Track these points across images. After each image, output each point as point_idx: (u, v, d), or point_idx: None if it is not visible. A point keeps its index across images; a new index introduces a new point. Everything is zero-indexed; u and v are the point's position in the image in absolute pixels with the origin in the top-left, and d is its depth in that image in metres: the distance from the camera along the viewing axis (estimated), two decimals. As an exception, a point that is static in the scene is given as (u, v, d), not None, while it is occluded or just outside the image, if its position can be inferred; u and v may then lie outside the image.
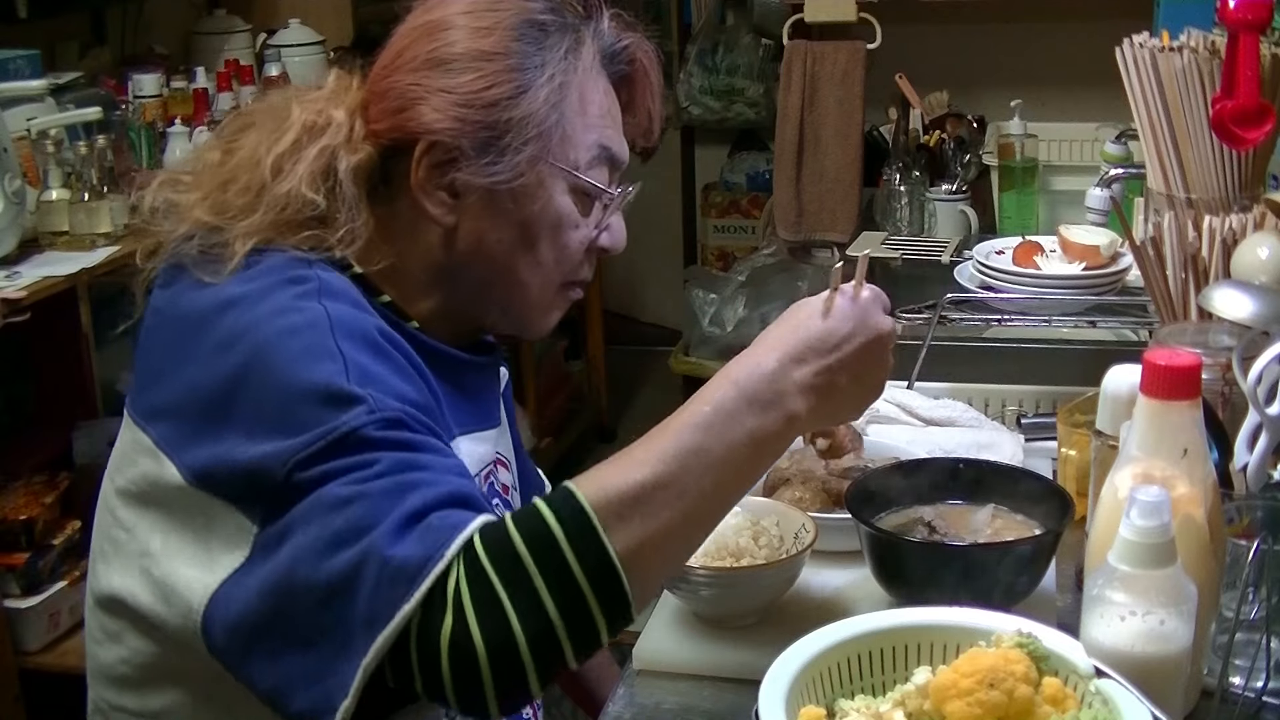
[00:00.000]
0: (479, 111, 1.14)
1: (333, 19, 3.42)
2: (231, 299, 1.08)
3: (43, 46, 2.59)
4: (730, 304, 3.74)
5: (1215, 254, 1.50)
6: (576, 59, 1.18)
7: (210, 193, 1.17)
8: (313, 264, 1.12)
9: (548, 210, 1.18)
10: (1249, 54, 1.53)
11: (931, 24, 3.26)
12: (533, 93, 1.15)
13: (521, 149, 1.14)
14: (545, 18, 1.18)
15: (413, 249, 1.19)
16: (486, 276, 1.20)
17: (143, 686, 1.14)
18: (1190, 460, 1.03)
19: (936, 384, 1.76)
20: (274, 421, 1.00)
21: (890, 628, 1.02)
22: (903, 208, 2.81)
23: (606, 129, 1.21)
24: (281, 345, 1.03)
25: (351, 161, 1.15)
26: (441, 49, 1.16)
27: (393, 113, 1.16)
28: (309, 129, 1.17)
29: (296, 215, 1.14)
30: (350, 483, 0.96)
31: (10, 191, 2.19)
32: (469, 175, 1.14)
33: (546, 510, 0.96)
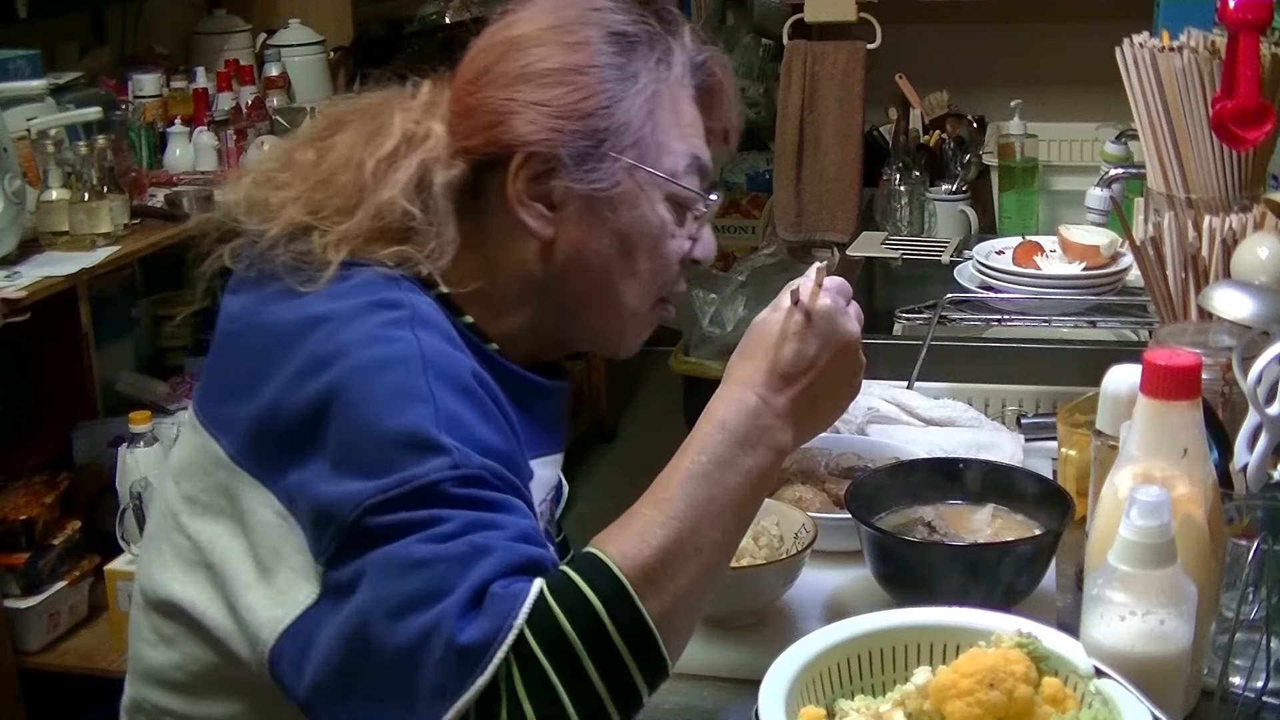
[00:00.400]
0: (575, 122, 1.13)
1: (333, 19, 3.42)
2: (319, 317, 1.06)
3: (43, 46, 2.59)
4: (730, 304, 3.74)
5: (1215, 254, 1.50)
6: (668, 69, 1.18)
7: (304, 192, 1.15)
8: (401, 283, 1.11)
9: (646, 218, 1.17)
10: (1249, 54, 1.53)
11: (931, 24, 3.26)
12: (628, 101, 1.15)
13: (619, 157, 1.14)
14: (632, 29, 1.18)
15: (504, 265, 1.17)
16: (583, 289, 1.18)
17: (196, 693, 1.14)
18: (1190, 460, 1.03)
19: (936, 384, 1.76)
20: (357, 459, 0.99)
21: (890, 628, 1.02)
22: (903, 208, 2.81)
23: (696, 138, 1.21)
24: (371, 380, 1.01)
25: (446, 176, 1.14)
26: (532, 64, 1.15)
27: (484, 128, 1.15)
28: (409, 138, 1.16)
29: (390, 225, 1.13)
30: (425, 540, 0.95)
31: (10, 191, 2.19)
32: (568, 183, 1.14)
33: (584, 585, 0.95)
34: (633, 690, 0.94)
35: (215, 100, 2.95)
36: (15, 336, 2.23)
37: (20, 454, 2.42)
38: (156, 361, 2.85)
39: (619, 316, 1.21)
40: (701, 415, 1.07)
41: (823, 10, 3.11)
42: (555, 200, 1.15)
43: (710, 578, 1.02)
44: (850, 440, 1.56)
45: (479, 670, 0.90)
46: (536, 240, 1.16)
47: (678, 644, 0.99)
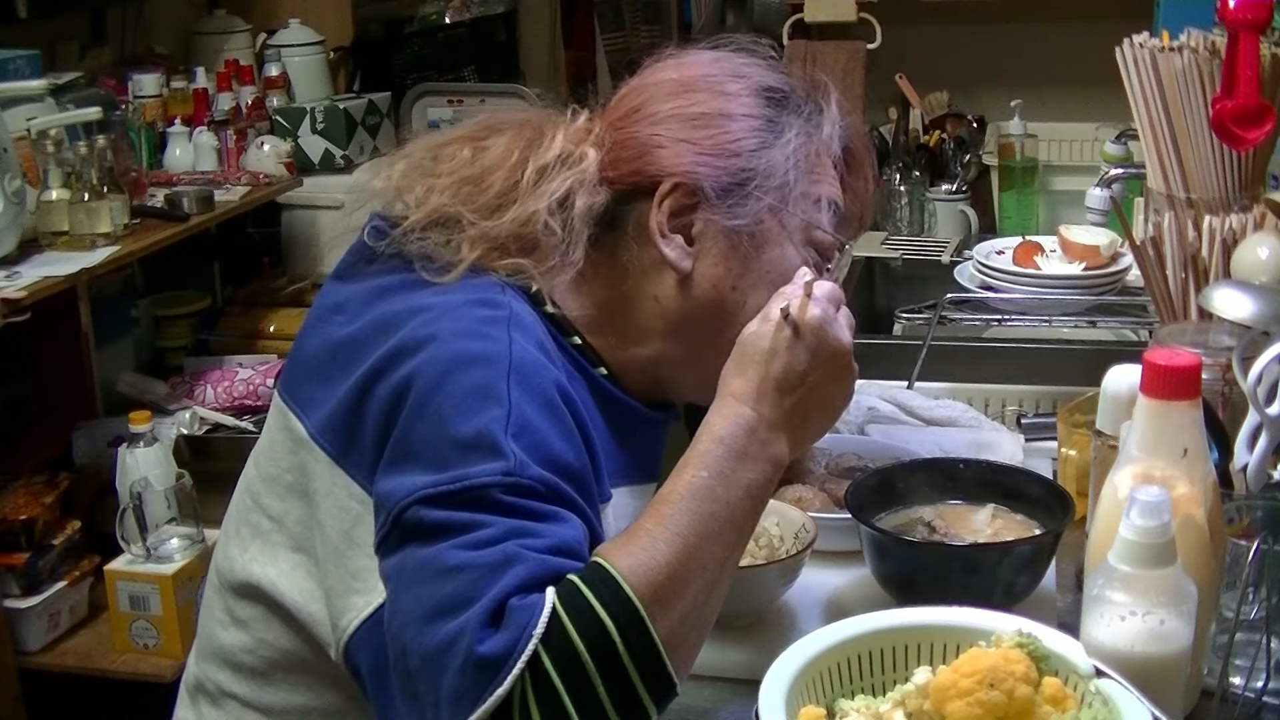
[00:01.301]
0: (723, 160, 1.15)
1: (333, 19, 3.42)
2: (420, 307, 1.08)
3: (43, 46, 2.59)
4: (730, 304, 3.74)
5: (1215, 254, 1.50)
6: (818, 128, 1.20)
7: (455, 184, 1.17)
8: (507, 290, 1.12)
9: (784, 258, 1.18)
10: (1249, 54, 1.53)
11: (931, 24, 3.26)
12: (777, 149, 1.17)
13: (763, 197, 1.16)
14: (784, 88, 1.20)
15: (636, 299, 1.18)
16: (716, 326, 1.17)
17: (264, 678, 1.15)
18: (1190, 460, 1.03)
19: (936, 384, 1.77)
20: (418, 449, 1.00)
21: (890, 628, 1.02)
22: (903, 208, 2.81)
23: (835, 187, 1.23)
24: (454, 371, 1.02)
25: (589, 201, 1.16)
26: (687, 107, 1.17)
27: (631, 159, 1.17)
28: (565, 157, 1.18)
29: (528, 234, 1.14)
30: (461, 546, 0.96)
31: (10, 191, 2.18)
32: (712, 216, 1.15)
33: (597, 603, 0.95)
34: (639, 708, 0.95)
35: (215, 100, 2.95)
36: (15, 336, 2.23)
37: (20, 454, 2.42)
38: (156, 361, 2.85)
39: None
40: (699, 430, 1.08)
41: (823, 10, 3.11)
42: (695, 234, 1.16)
43: (715, 595, 1.03)
44: (850, 440, 1.56)
45: (497, 682, 0.91)
46: (674, 274, 1.16)
47: (684, 663, 0.99)
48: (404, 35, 3.69)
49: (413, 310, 1.08)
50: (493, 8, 4.09)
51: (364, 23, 3.61)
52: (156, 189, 2.66)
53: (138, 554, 2.16)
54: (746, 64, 1.22)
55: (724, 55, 1.23)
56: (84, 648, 2.21)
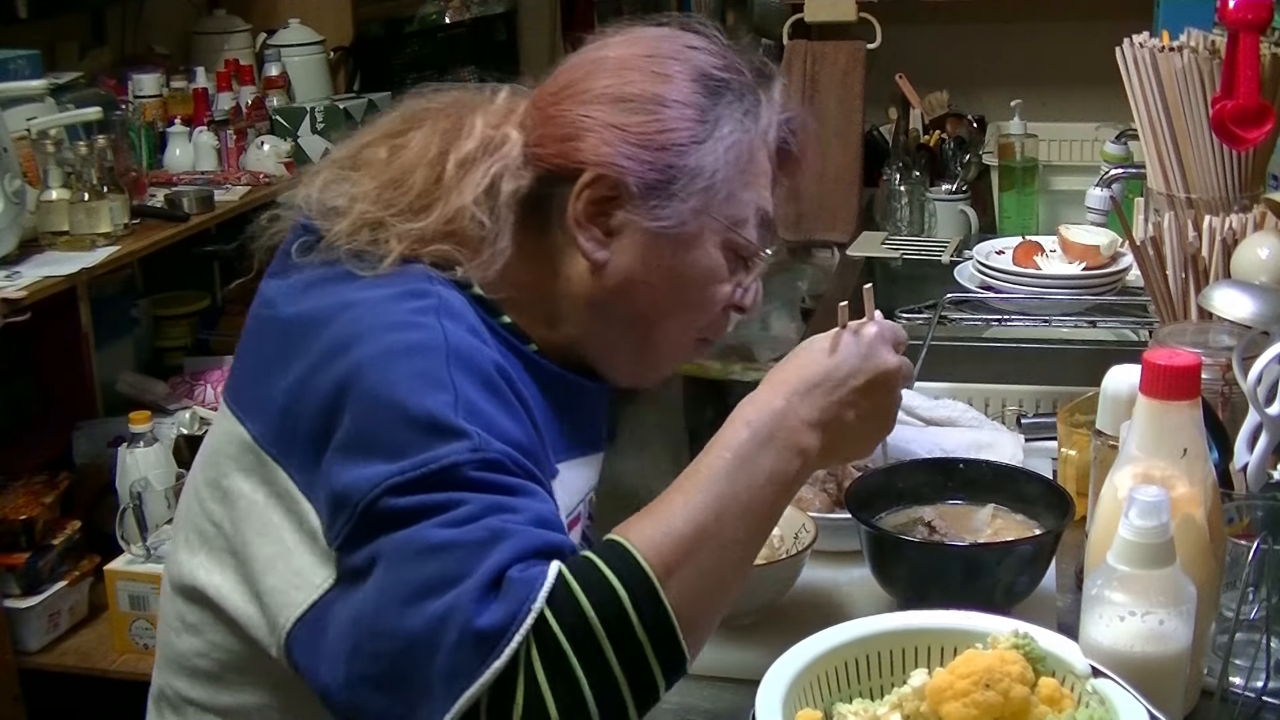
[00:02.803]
0: (651, 153, 1.12)
1: (333, 19, 3.42)
2: (348, 303, 1.07)
3: (43, 46, 2.59)
4: (730, 304, 3.74)
5: (1215, 254, 1.50)
6: (755, 121, 1.17)
7: (375, 190, 1.15)
8: (434, 280, 1.11)
9: (702, 261, 1.17)
10: (1249, 54, 1.53)
11: (931, 24, 3.26)
12: (708, 145, 1.14)
13: (688, 198, 1.13)
14: (724, 75, 1.17)
15: (555, 280, 1.17)
16: (628, 316, 1.18)
17: (219, 682, 1.14)
18: (1190, 460, 1.03)
19: (936, 384, 1.77)
20: (375, 441, 0.99)
21: (887, 631, 1.02)
22: (903, 208, 2.81)
23: (765, 190, 1.20)
24: (393, 363, 1.01)
25: (515, 186, 1.14)
26: (619, 86, 1.14)
27: (559, 140, 1.14)
28: (487, 143, 1.16)
29: (457, 230, 1.13)
30: (442, 525, 0.95)
31: (10, 191, 2.18)
32: (632, 215, 1.13)
33: (608, 570, 0.94)
34: (651, 682, 0.94)
35: (215, 100, 2.95)
36: (15, 336, 2.23)
37: (20, 454, 2.42)
38: (156, 361, 2.85)
39: (658, 350, 1.21)
40: (732, 414, 1.08)
41: (823, 10, 3.11)
42: (613, 226, 1.14)
43: (733, 575, 1.02)
44: (850, 440, 1.56)
45: (495, 654, 0.90)
46: (588, 262, 1.16)
47: (695, 638, 0.98)
48: (404, 35, 3.69)
49: (343, 305, 1.07)
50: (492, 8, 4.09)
51: (364, 23, 3.61)
52: (156, 189, 2.67)
53: (138, 554, 2.16)
54: (692, 45, 1.19)
55: (670, 34, 1.20)
56: (84, 648, 2.21)
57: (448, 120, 1.18)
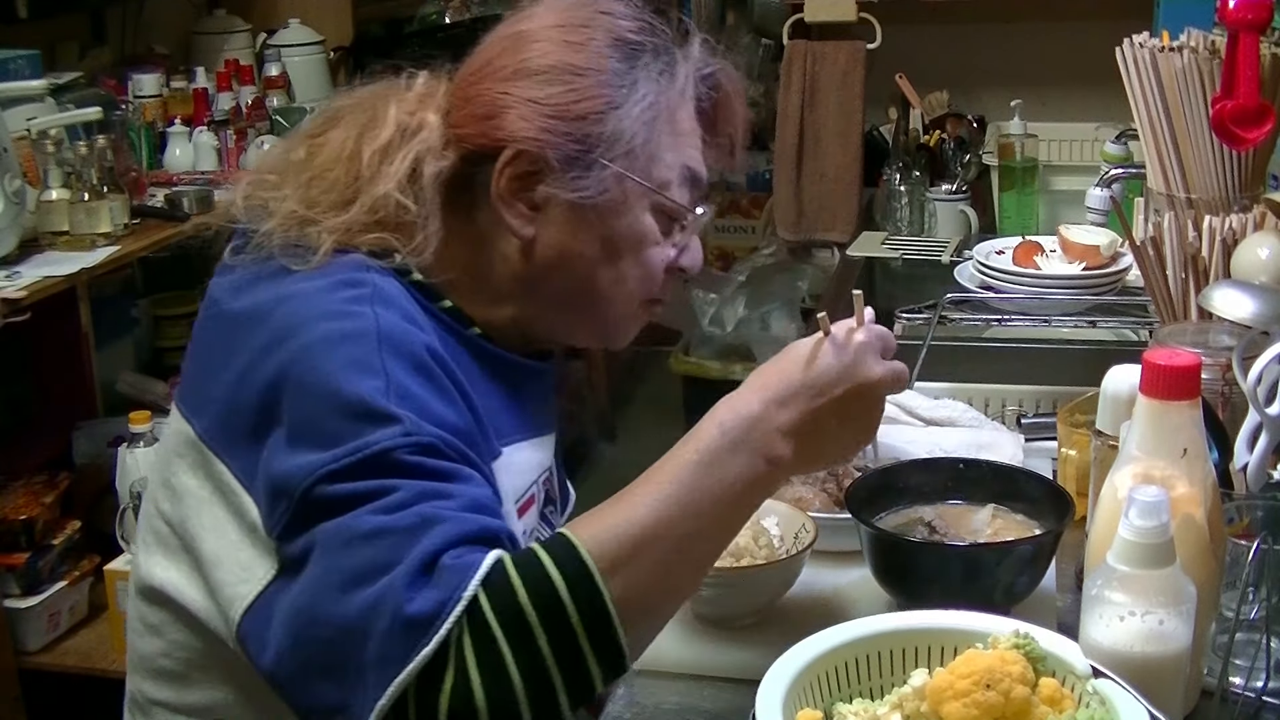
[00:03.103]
0: (568, 124, 1.13)
1: (333, 19, 3.42)
2: (285, 296, 1.09)
3: (43, 46, 2.59)
4: (730, 304, 3.74)
5: (1215, 254, 1.50)
6: (671, 80, 1.17)
7: (298, 190, 1.17)
8: (371, 268, 1.12)
9: (632, 227, 1.17)
10: (1249, 54, 1.53)
11: (931, 24, 3.26)
12: (624, 109, 1.14)
13: (609, 165, 1.14)
14: (639, 38, 1.17)
15: (489, 259, 1.18)
16: (565, 290, 1.19)
17: (183, 680, 1.15)
18: (1190, 460, 1.03)
19: (936, 384, 1.76)
20: (309, 431, 1.00)
21: (887, 631, 1.02)
22: (903, 208, 2.81)
23: (692, 149, 1.21)
24: (326, 352, 1.03)
25: (437, 168, 1.15)
26: (533, 59, 1.15)
27: (479, 119, 1.15)
28: (403, 130, 1.17)
29: (385, 218, 1.14)
30: (375, 512, 0.95)
31: (10, 191, 2.19)
32: (553, 188, 1.14)
33: (547, 559, 0.94)
34: (585, 676, 0.94)
35: (215, 100, 2.95)
36: (15, 336, 2.23)
37: (20, 454, 2.42)
38: (156, 361, 2.85)
39: (603, 317, 1.22)
40: (709, 411, 1.08)
41: (823, 10, 3.11)
42: (538, 201, 1.15)
43: (684, 574, 1.02)
44: (850, 440, 1.56)
45: (425, 640, 0.90)
46: (518, 239, 1.16)
47: (637, 634, 0.97)
48: (404, 35, 3.69)
49: (280, 299, 1.08)
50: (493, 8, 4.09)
51: (364, 23, 3.61)
52: (156, 189, 2.67)
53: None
54: (604, 9, 1.19)
55: (583, 0, 1.20)
56: (84, 648, 2.21)
57: (364, 114, 1.19)
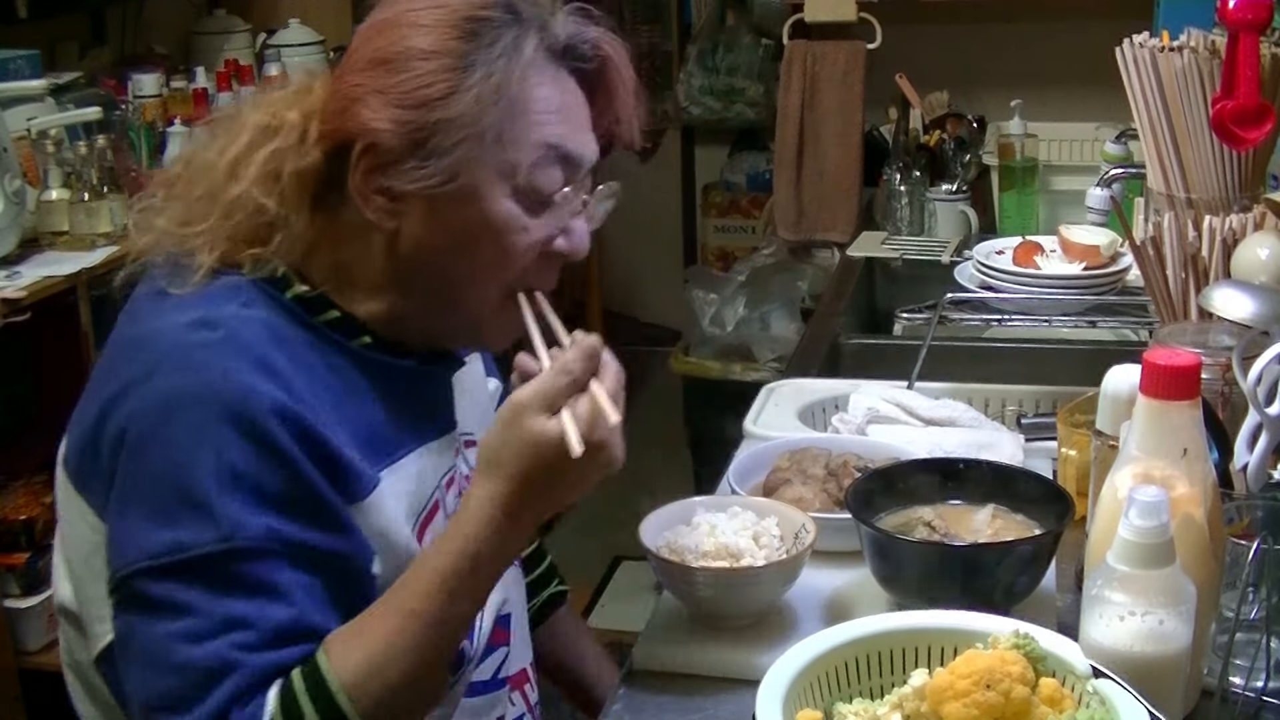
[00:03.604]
0: (411, 112, 1.10)
1: (332, 19, 3.42)
2: (150, 334, 1.10)
3: (43, 46, 2.59)
4: (730, 304, 3.74)
5: (1215, 254, 1.50)
6: (517, 54, 1.12)
7: (171, 204, 1.17)
8: (243, 293, 1.11)
9: (487, 214, 1.13)
10: (1249, 54, 1.53)
11: (931, 24, 3.26)
12: (461, 93, 1.10)
13: (451, 150, 1.10)
14: (488, 13, 1.13)
15: (361, 256, 1.16)
16: (432, 282, 1.16)
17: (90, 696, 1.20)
18: (1190, 460, 1.03)
19: (936, 384, 1.76)
20: (138, 500, 1.04)
21: (887, 631, 1.02)
22: (903, 208, 2.81)
23: (557, 126, 1.15)
24: (166, 417, 1.04)
25: (298, 165, 1.13)
26: (385, 47, 1.13)
27: (336, 114, 1.13)
28: (262, 130, 1.15)
29: (245, 221, 1.13)
30: (181, 638, 1.01)
31: (10, 191, 2.19)
32: (401, 180, 1.11)
33: (306, 700, 1.02)
34: None
35: (215, 100, 2.95)
36: (15, 336, 2.23)
37: (20, 454, 2.42)
38: (156, 361, 2.85)
39: (467, 311, 1.18)
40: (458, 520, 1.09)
41: (823, 10, 3.11)
42: (395, 194, 1.12)
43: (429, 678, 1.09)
44: (850, 440, 1.56)
45: None
46: (382, 232, 1.14)
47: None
48: (404, 35, 3.68)
49: (145, 336, 1.10)
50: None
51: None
52: (156, 189, 2.66)
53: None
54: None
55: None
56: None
57: (232, 122, 1.19)
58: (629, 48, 1.23)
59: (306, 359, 1.12)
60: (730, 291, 3.77)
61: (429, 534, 1.19)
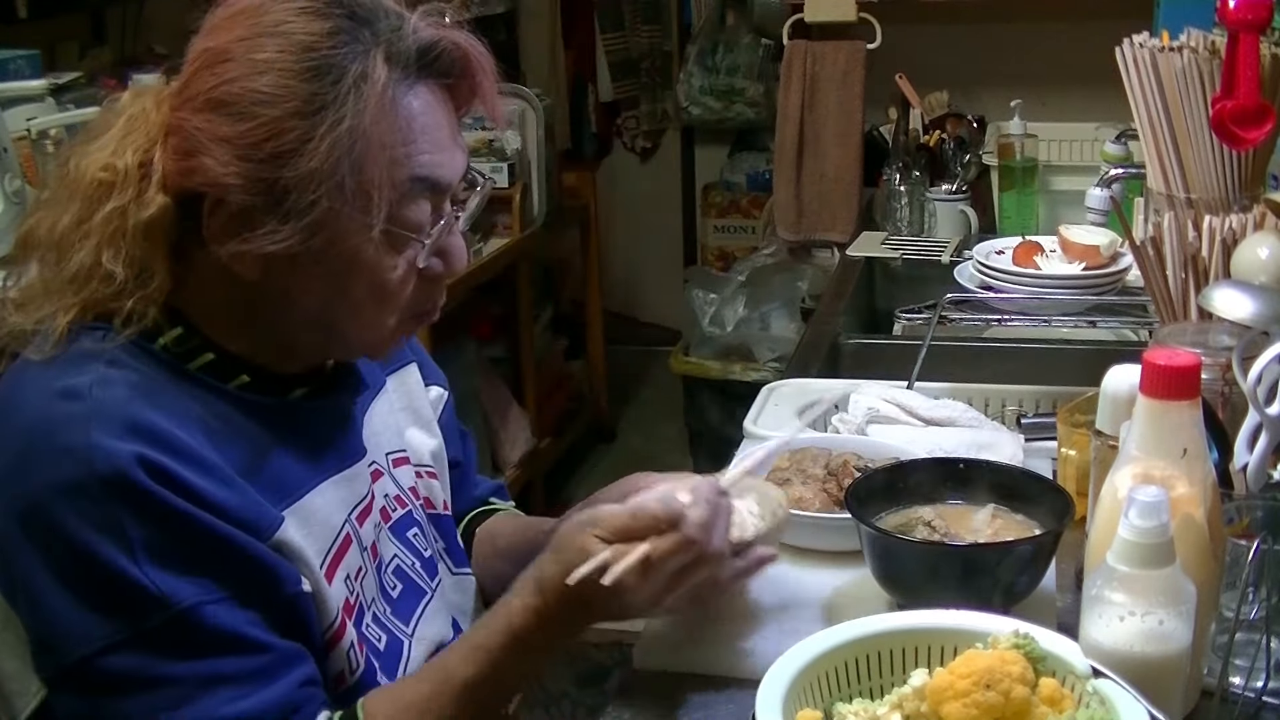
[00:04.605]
0: (259, 166, 1.03)
1: (332, 19, 3.42)
2: (14, 406, 1.06)
3: (43, 46, 2.59)
4: (730, 304, 3.74)
5: (1215, 254, 1.50)
6: (368, 88, 1.04)
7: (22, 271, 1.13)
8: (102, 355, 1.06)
9: (355, 263, 1.08)
10: (1249, 54, 1.53)
11: (931, 24, 3.26)
12: (315, 144, 1.02)
13: (309, 210, 1.03)
14: (325, 46, 1.05)
15: (231, 296, 1.10)
16: (306, 321, 1.12)
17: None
18: (1190, 460, 1.03)
19: (936, 384, 1.76)
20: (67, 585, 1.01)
21: (887, 631, 1.02)
22: (903, 208, 2.81)
23: (421, 154, 1.08)
24: (58, 513, 1.01)
25: (141, 217, 1.06)
26: (220, 87, 1.04)
27: (181, 156, 1.06)
28: (95, 187, 1.07)
29: (100, 289, 1.07)
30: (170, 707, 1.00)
31: (10, 191, 2.18)
32: (259, 242, 1.04)
33: None
34: None
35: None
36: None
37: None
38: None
39: (353, 339, 1.15)
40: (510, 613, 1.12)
41: (823, 10, 3.11)
42: (253, 245, 1.05)
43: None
44: (850, 440, 1.56)
45: None
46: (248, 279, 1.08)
47: None
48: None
49: (8, 408, 1.06)
50: (493, 8, 4.09)
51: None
52: (156, 189, 2.66)
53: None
54: (292, 8, 1.06)
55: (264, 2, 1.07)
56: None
57: (63, 183, 1.11)
58: (479, 36, 1.15)
59: (184, 409, 1.07)
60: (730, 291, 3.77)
61: (340, 570, 1.15)
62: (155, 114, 1.09)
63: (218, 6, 1.09)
